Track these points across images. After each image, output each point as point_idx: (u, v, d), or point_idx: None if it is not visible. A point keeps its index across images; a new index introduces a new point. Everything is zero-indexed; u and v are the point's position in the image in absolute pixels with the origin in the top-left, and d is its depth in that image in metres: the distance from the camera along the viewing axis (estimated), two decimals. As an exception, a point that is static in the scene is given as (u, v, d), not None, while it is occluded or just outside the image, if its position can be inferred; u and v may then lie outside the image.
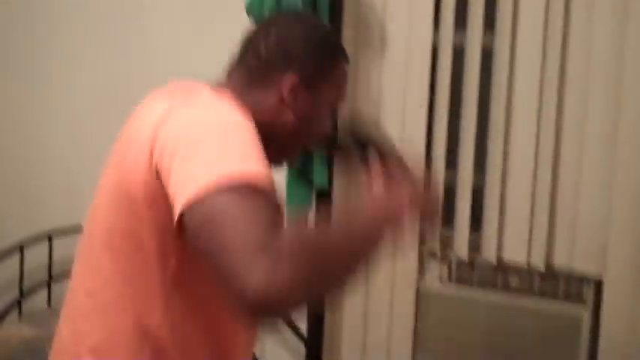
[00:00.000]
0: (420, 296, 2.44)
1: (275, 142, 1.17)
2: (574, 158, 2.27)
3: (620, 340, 2.21)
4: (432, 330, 2.44)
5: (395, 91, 2.39)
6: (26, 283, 2.60)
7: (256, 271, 0.88)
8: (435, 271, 2.47)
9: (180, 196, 0.97)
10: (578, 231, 2.27)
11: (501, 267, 2.38)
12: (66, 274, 1.30)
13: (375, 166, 1.17)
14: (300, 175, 2.23)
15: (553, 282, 2.36)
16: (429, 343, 2.45)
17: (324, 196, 2.32)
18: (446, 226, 2.42)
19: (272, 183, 1.01)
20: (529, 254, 2.32)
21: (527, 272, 2.37)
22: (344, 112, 1.85)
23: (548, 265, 2.32)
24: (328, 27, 1.40)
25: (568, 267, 2.29)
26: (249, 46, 1.23)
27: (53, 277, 2.61)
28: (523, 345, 2.36)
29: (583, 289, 2.32)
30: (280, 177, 1.84)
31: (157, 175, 1.04)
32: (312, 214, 2.31)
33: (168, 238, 1.07)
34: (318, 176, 2.23)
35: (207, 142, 1.01)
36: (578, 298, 2.33)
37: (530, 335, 2.35)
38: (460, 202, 2.38)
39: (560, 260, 2.31)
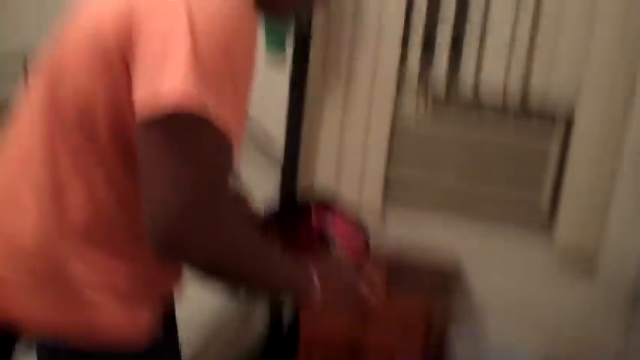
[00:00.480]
0: (395, 125, 2.48)
1: None
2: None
3: (586, 181, 2.32)
4: (405, 158, 2.53)
5: None
6: None
7: (185, 212, 0.89)
8: (412, 102, 2.48)
9: (145, 93, 0.90)
10: (557, 57, 2.26)
11: (478, 102, 2.40)
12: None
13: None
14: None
15: (526, 120, 2.39)
16: (402, 165, 2.54)
17: (303, 41, 2.22)
18: (426, 52, 2.40)
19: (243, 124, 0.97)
20: (507, 75, 2.32)
21: (502, 110, 2.39)
22: None
23: (525, 88, 2.33)
24: None
25: (544, 91, 2.31)
26: None
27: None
28: (493, 176, 2.47)
29: (555, 128, 2.38)
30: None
31: (128, 36, 0.95)
32: (289, 61, 2.23)
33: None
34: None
35: (187, 39, 0.89)
36: (549, 136, 2.39)
37: (500, 167, 2.46)
38: (441, 26, 2.35)
39: (537, 81, 2.31)
